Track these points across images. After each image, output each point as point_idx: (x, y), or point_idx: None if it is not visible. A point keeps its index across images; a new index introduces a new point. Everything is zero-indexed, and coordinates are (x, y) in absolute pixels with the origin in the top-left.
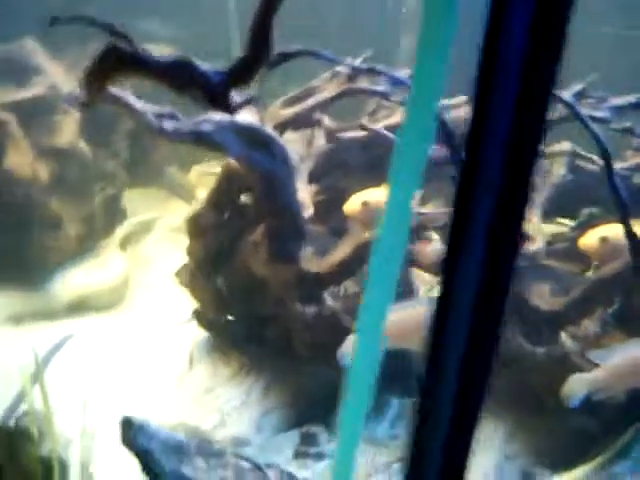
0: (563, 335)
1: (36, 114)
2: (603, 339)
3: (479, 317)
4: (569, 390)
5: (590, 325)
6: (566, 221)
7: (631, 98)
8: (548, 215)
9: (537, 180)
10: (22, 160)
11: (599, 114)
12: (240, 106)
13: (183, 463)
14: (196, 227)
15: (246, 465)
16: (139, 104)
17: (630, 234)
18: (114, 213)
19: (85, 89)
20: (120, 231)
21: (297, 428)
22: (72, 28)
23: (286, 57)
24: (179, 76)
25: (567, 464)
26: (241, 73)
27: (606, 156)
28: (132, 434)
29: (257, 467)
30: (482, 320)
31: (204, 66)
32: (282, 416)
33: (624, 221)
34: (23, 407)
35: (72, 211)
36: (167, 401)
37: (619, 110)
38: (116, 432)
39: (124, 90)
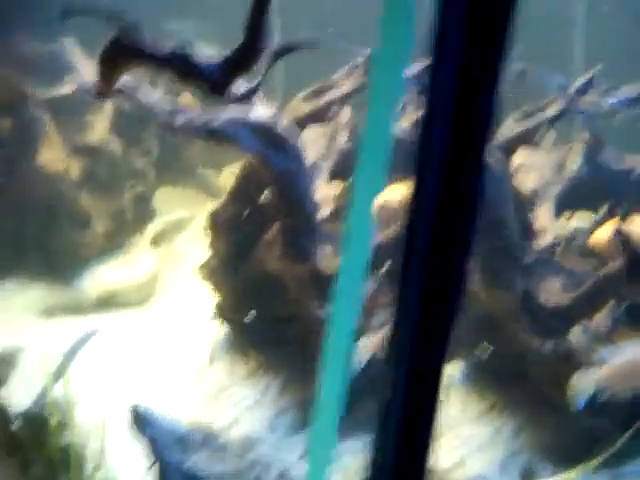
0: (573, 331)
1: (69, 111)
2: (614, 335)
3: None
4: (574, 390)
5: (601, 321)
6: (587, 216)
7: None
8: (567, 209)
9: (551, 174)
10: (54, 156)
11: (607, 103)
12: (243, 98)
13: (186, 454)
14: (216, 224)
15: (247, 461)
16: (151, 97)
17: (619, 231)
18: (144, 211)
19: (98, 80)
20: (152, 228)
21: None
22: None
23: (289, 49)
24: (179, 66)
25: (572, 462)
26: (238, 62)
27: (595, 143)
28: (139, 422)
29: (258, 464)
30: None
31: (203, 55)
32: (296, 416)
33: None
34: (50, 397)
35: (101, 208)
36: (184, 397)
37: (628, 100)
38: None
39: (138, 82)
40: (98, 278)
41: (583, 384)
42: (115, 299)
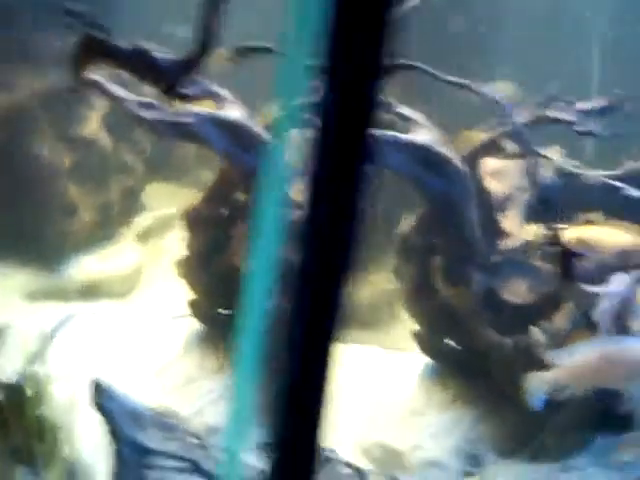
0: (534, 329)
1: (62, 105)
2: (572, 335)
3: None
4: (530, 390)
5: (561, 321)
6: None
7: (596, 103)
8: (541, 218)
9: (523, 181)
10: (46, 147)
11: (566, 117)
12: (197, 96)
13: (139, 430)
14: (190, 221)
15: (194, 441)
16: (121, 92)
17: (553, 237)
18: (132, 205)
19: (70, 75)
20: (140, 222)
21: None
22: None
23: (247, 51)
24: (139, 64)
25: (523, 452)
26: (188, 63)
27: (529, 152)
28: (99, 396)
29: (203, 445)
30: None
31: (160, 55)
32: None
33: (546, 222)
34: (30, 372)
35: (89, 199)
36: (153, 385)
37: (585, 114)
38: None
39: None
40: (83, 267)
41: (538, 384)
42: (98, 288)
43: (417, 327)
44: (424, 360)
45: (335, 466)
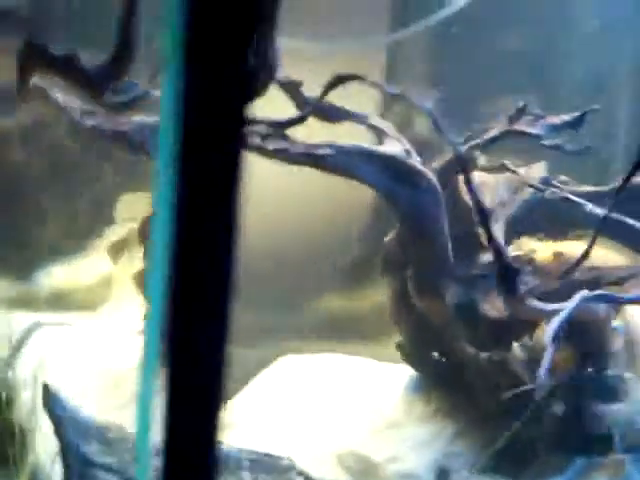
0: (514, 344)
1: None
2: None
3: None
4: None
5: (541, 336)
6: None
7: (566, 117)
8: (524, 233)
9: (505, 196)
10: (14, 153)
11: (533, 131)
12: (128, 104)
13: (83, 441)
14: (146, 231)
15: (129, 457)
16: (65, 99)
17: (497, 253)
18: (104, 215)
19: (17, 82)
20: (113, 234)
21: None
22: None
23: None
24: (70, 70)
25: (501, 470)
26: (111, 69)
27: (462, 165)
28: (50, 401)
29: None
30: None
31: (87, 60)
32: None
33: (487, 234)
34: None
35: (58, 207)
36: (107, 399)
37: (554, 128)
38: None
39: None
40: (54, 277)
41: None
42: (67, 299)
43: (401, 339)
44: (411, 372)
45: (289, 474)
